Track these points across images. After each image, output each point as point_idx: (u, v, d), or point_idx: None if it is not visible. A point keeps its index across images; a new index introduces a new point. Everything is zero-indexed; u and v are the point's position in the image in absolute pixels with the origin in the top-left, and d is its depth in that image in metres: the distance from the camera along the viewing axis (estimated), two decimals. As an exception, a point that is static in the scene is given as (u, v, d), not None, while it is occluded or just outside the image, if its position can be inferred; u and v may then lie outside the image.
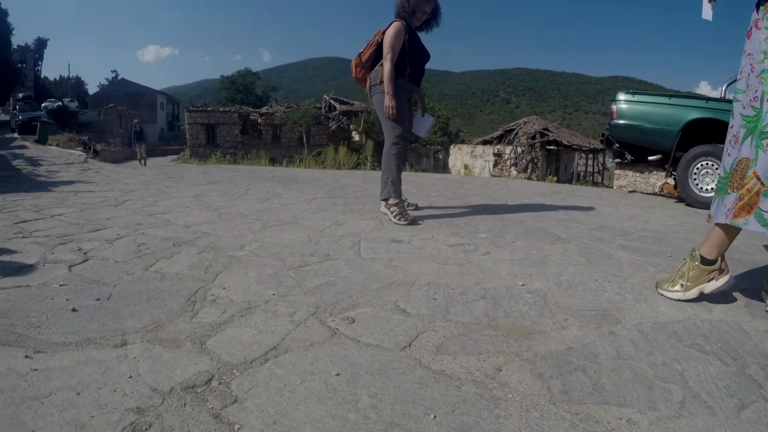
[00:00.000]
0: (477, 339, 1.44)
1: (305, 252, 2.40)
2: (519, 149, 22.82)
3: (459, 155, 24.91)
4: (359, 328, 1.50)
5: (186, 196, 4.54)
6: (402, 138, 3.31)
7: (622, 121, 5.68)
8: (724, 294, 1.80)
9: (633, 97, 5.69)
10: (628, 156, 6.61)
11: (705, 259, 1.77)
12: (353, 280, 1.98)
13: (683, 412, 1.10)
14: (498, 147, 23.70)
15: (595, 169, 27.27)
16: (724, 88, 5.46)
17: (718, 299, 1.80)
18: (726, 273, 1.76)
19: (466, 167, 23.47)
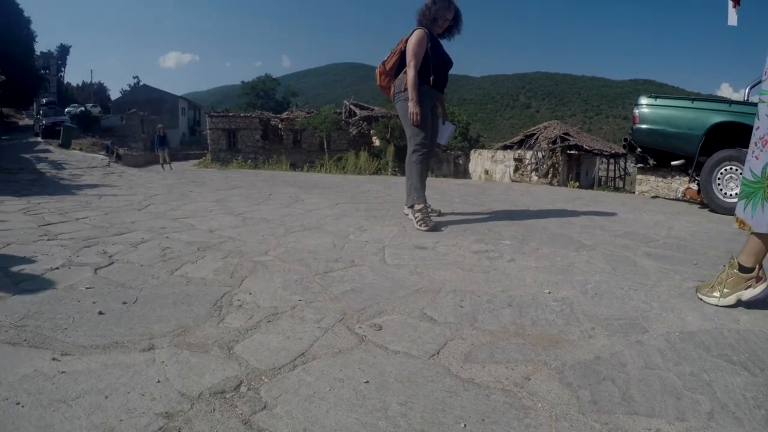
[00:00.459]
0: (505, 347, 1.44)
1: (330, 258, 2.41)
2: (540, 154, 22.63)
3: (480, 160, 24.81)
4: (387, 335, 1.50)
5: (209, 200, 4.60)
6: (423, 145, 3.32)
7: (644, 126, 5.58)
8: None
9: (655, 101, 5.60)
10: (650, 161, 6.51)
11: (743, 267, 1.75)
12: (379, 286, 1.98)
13: (711, 423, 1.08)
14: (518, 152, 23.55)
15: (617, 174, 26.89)
16: (747, 90, 5.35)
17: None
18: (764, 281, 1.73)
19: (486, 172, 23.36)
